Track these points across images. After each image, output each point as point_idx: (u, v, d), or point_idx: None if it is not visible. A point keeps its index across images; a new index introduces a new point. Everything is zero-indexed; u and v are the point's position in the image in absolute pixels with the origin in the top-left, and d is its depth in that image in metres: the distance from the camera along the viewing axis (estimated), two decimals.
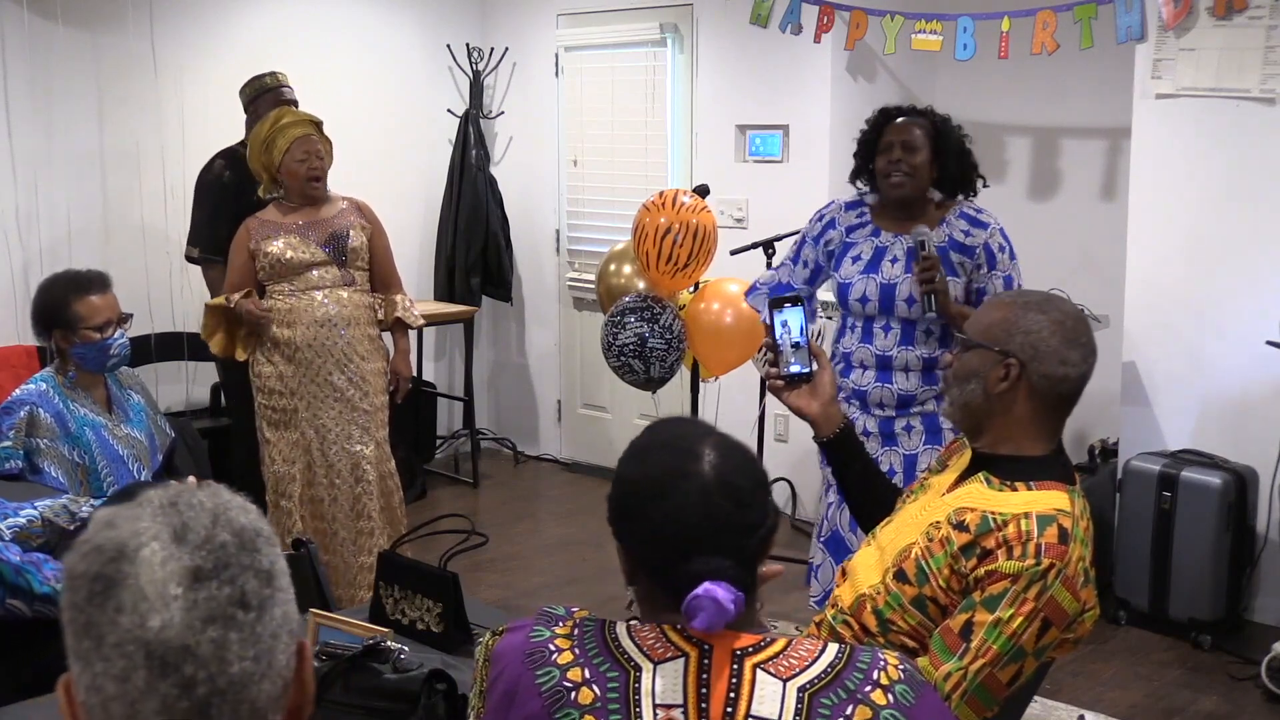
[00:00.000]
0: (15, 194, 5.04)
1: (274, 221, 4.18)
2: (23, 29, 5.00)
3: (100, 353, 3.34)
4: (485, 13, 6.59)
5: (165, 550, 0.98)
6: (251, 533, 1.03)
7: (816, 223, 3.62)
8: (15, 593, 2.31)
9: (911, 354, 3.44)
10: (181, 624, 0.96)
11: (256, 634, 0.99)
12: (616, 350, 3.84)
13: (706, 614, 1.40)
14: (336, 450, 4.20)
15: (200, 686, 0.96)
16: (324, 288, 4.16)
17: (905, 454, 3.48)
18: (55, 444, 3.24)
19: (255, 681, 0.99)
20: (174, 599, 0.96)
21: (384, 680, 2.01)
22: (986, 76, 5.28)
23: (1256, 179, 4.31)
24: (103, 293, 3.37)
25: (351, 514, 4.25)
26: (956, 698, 1.89)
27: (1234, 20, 4.27)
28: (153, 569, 0.97)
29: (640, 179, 5.81)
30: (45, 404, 3.27)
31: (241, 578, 0.99)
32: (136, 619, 0.96)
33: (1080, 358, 2.01)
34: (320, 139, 4.17)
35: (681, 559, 1.44)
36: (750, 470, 1.50)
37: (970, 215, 3.49)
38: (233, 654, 0.97)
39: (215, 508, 1.03)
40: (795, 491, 5.56)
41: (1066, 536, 1.90)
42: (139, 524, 1.01)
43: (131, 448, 3.40)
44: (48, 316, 3.35)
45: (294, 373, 4.16)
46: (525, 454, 6.63)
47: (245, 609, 0.99)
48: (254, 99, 4.73)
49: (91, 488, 3.25)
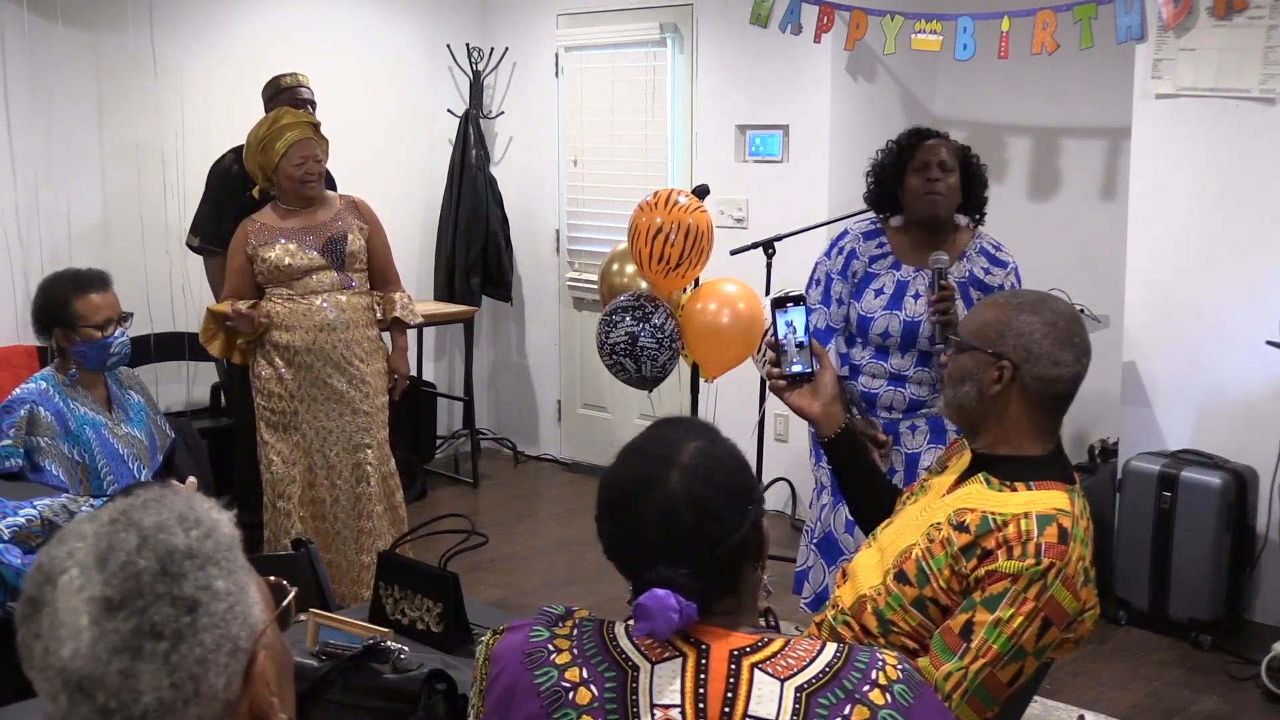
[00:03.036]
0: (15, 194, 5.04)
1: (272, 226, 4.17)
2: (23, 29, 5.00)
3: (101, 351, 3.34)
4: (485, 13, 6.59)
5: (83, 576, 0.99)
6: (182, 556, 1.01)
7: (837, 256, 3.54)
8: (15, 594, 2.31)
9: (926, 373, 3.45)
10: (89, 655, 0.97)
11: (171, 663, 0.98)
12: (609, 349, 3.85)
13: (648, 622, 1.41)
14: (338, 452, 4.22)
15: (115, 715, 0.97)
16: (323, 292, 4.17)
17: (908, 453, 3.48)
18: (55, 442, 3.23)
19: (178, 708, 0.98)
20: (83, 629, 0.97)
21: (384, 680, 2.01)
22: (986, 76, 5.28)
23: (1256, 179, 4.31)
24: (103, 291, 3.36)
25: (353, 514, 4.26)
26: (957, 697, 1.89)
27: (1234, 20, 4.27)
28: (69, 597, 0.98)
29: (640, 179, 5.81)
30: (45, 402, 3.27)
31: (153, 608, 0.98)
32: (54, 644, 0.98)
33: (1073, 358, 2.01)
34: (318, 141, 4.17)
35: (642, 567, 1.46)
36: (724, 480, 1.49)
37: (990, 252, 3.49)
38: (144, 684, 0.97)
39: (153, 526, 1.02)
40: (795, 491, 5.56)
41: (1066, 536, 1.90)
42: (76, 543, 1.01)
43: (131, 446, 3.39)
44: (48, 315, 3.34)
45: (294, 376, 4.17)
46: (525, 454, 6.63)
47: (156, 639, 0.98)
48: (271, 98, 4.80)
49: (91, 486, 3.25)
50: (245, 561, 1.08)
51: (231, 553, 1.06)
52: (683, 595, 1.41)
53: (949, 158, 3.41)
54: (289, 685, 1.13)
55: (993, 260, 3.48)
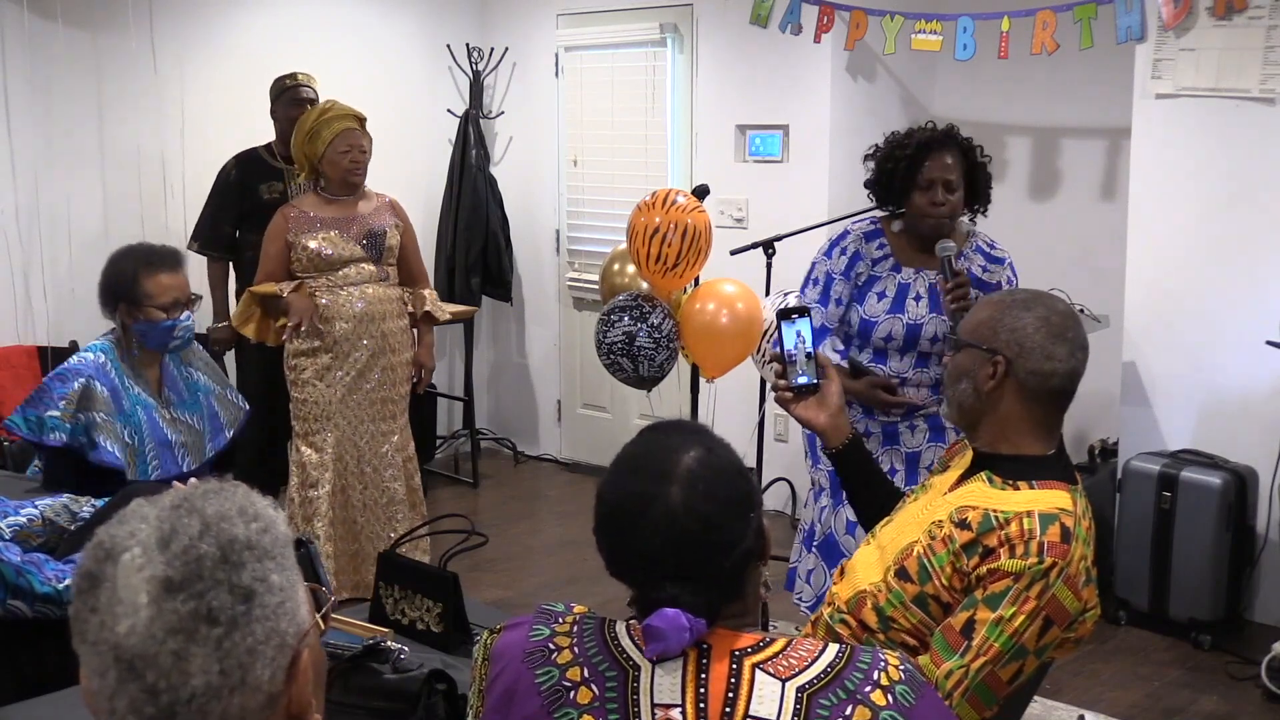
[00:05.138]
0: (15, 194, 5.04)
1: (310, 214, 4.27)
2: (23, 29, 5.00)
3: (164, 334, 3.21)
4: (485, 13, 6.59)
5: (145, 556, 1.00)
6: (242, 546, 1.03)
7: (840, 256, 3.50)
8: (16, 593, 2.31)
9: (925, 374, 3.45)
10: (144, 633, 0.98)
11: (224, 649, 0.99)
12: (606, 348, 3.85)
13: (660, 643, 1.40)
14: (369, 440, 4.35)
15: (163, 695, 0.98)
16: (359, 283, 4.29)
17: (907, 452, 3.48)
18: (111, 420, 3.09)
19: (224, 695, 0.99)
20: (141, 607, 0.98)
21: (384, 680, 2.01)
22: (986, 76, 5.28)
23: (1256, 179, 4.31)
24: (174, 271, 3.23)
25: (381, 501, 4.40)
26: (958, 696, 1.90)
27: (1234, 20, 4.27)
28: (130, 574, 0.99)
29: (640, 179, 5.81)
30: (102, 377, 3.12)
31: (212, 593, 1.00)
32: (110, 620, 0.98)
33: (1066, 353, 2.01)
34: (363, 134, 4.29)
35: (647, 584, 1.45)
36: (724, 490, 1.46)
37: (986, 250, 3.49)
38: (194, 667, 0.98)
39: (215, 515, 1.04)
40: (795, 491, 5.56)
41: (1069, 535, 1.91)
42: (139, 524, 1.02)
43: (180, 434, 3.28)
44: (115, 289, 3.19)
45: (330, 365, 4.27)
46: (525, 454, 6.63)
47: (211, 624, 0.99)
48: (276, 98, 4.92)
49: (138, 470, 3.14)
50: (295, 562, 1.10)
51: (286, 550, 1.08)
52: (691, 613, 1.41)
53: (955, 175, 3.37)
54: (321, 690, 1.14)
55: (989, 257, 3.48)
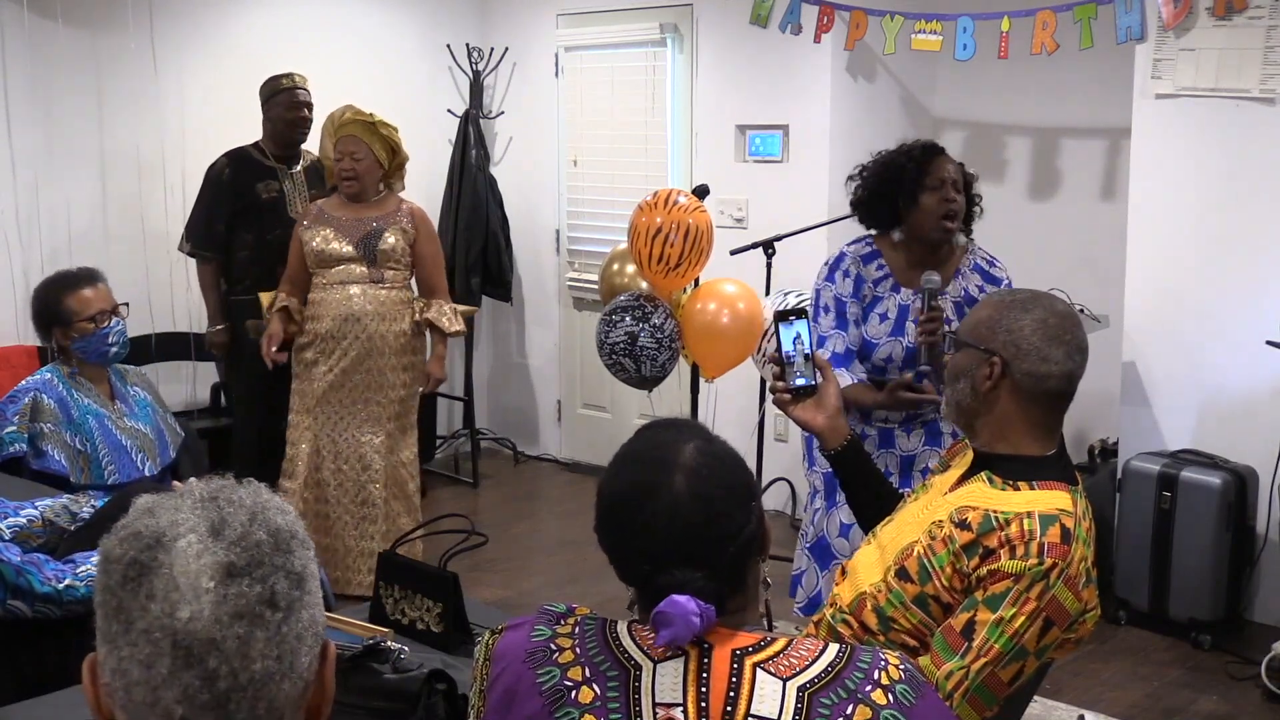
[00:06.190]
0: (15, 194, 5.04)
1: (325, 212, 4.42)
2: (23, 29, 5.00)
3: (99, 343, 3.41)
4: (485, 13, 6.59)
5: (201, 543, 1.00)
6: (287, 534, 1.04)
7: (845, 279, 3.38)
8: (16, 593, 2.31)
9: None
10: (210, 618, 0.98)
11: (281, 634, 1.00)
12: (608, 348, 3.85)
13: (670, 629, 1.40)
14: (346, 438, 4.39)
15: (222, 680, 0.98)
16: (354, 283, 4.35)
17: (902, 455, 3.47)
18: (58, 429, 3.30)
19: (276, 681, 1.00)
20: (205, 592, 0.98)
21: (384, 680, 2.01)
22: (986, 76, 5.28)
23: (1256, 179, 4.31)
24: (93, 285, 3.45)
25: (356, 500, 4.41)
26: (958, 696, 1.90)
27: (1234, 20, 4.27)
28: (187, 560, 0.99)
29: (640, 179, 5.81)
30: (48, 390, 3.35)
31: (273, 578, 1.01)
32: (167, 607, 0.98)
33: (1063, 355, 2.01)
34: (368, 140, 4.34)
35: (653, 573, 1.45)
36: (727, 478, 1.48)
37: (984, 269, 3.43)
38: (256, 651, 0.99)
39: (254, 506, 1.05)
40: (795, 491, 5.56)
41: (1069, 536, 1.91)
42: (178, 514, 1.02)
43: (136, 439, 3.45)
44: (45, 317, 3.43)
45: (314, 360, 4.38)
46: (525, 454, 6.63)
47: (273, 609, 1.00)
48: (269, 99, 4.84)
49: (92, 474, 3.31)
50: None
51: (309, 542, 1.09)
52: (700, 598, 1.41)
53: (959, 175, 3.35)
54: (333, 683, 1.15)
55: (987, 277, 3.41)
